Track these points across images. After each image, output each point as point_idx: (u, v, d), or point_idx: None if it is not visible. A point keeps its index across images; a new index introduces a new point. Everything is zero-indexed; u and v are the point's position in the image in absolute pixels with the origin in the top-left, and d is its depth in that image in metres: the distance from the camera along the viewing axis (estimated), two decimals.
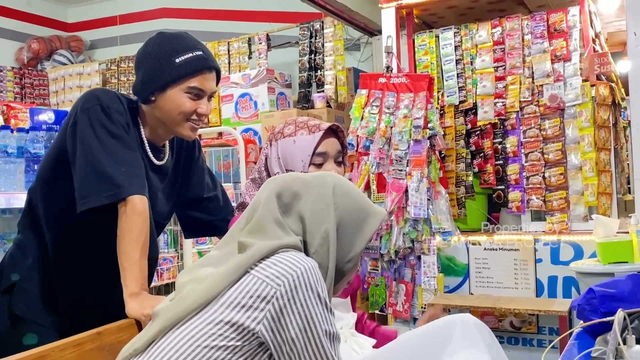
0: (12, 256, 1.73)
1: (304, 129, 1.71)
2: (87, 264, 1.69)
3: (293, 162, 1.68)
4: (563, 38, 3.53)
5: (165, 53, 1.65)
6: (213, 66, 1.70)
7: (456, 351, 1.31)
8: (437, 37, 3.92)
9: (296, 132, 1.71)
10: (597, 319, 1.60)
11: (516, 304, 3.31)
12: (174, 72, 1.63)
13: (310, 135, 1.69)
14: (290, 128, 1.74)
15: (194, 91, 1.65)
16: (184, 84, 1.64)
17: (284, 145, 1.71)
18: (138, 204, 1.53)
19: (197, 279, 1.18)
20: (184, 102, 1.65)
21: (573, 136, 3.48)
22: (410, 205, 3.33)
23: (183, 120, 1.67)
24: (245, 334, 1.08)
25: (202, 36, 6.32)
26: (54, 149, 1.68)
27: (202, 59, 1.67)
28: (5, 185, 2.46)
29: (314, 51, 5.34)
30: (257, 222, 1.19)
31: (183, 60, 1.63)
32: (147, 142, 1.71)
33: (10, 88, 7.01)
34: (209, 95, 1.71)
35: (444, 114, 3.88)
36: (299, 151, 1.68)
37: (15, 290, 1.68)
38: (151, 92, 1.66)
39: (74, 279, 1.69)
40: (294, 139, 1.70)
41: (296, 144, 1.69)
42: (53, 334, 1.62)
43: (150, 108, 1.69)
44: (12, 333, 1.66)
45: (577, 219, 3.46)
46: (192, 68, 1.64)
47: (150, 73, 1.66)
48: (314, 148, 1.67)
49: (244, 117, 5.08)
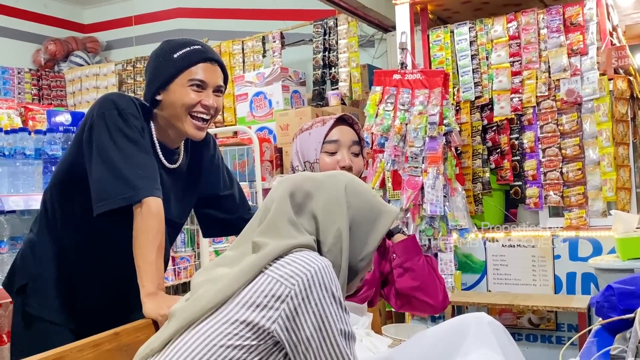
0: (24, 257, 1.75)
1: (320, 122, 1.77)
2: (103, 265, 1.71)
3: (308, 152, 1.72)
4: (580, 32, 3.49)
5: (165, 52, 1.69)
6: (212, 57, 1.70)
7: (470, 351, 1.30)
8: (452, 32, 3.90)
9: (312, 126, 1.77)
10: (616, 316, 1.58)
11: (534, 301, 3.29)
12: (173, 66, 1.65)
13: (323, 126, 1.74)
14: (308, 124, 1.80)
15: (196, 82, 1.66)
16: (185, 76, 1.65)
17: (301, 138, 1.78)
18: (153, 206, 1.54)
19: (212, 279, 1.18)
20: (187, 94, 1.65)
21: (591, 131, 3.44)
22: (426, 202, 3.31)
23: (185, 114, 1.67)
24: (261, 333, 1.08)
25: (216, 35, 6.34)
26: (71, 153, 1.70)
27: (200, 51, 1.68)
28: (24, 186, 2.49)
29: (328, 48, 5.33)
30: (271, 221, 1.20)
31: (181, 54, 1.66)
32: (159, 145, 1.72)
33: (28, 90, 7.08)
34: (215, 89, 1.71)
35: (459, 110, 3.86)
36: (313, 141, 1.73)
37: (29, 290, 1.70)
38: (156, 91, 1.67)
39: (90, 279, 1.71)
40: (310, 132, 1.76)
41: (311, 135, 1.75)
42: (67, 333, 1.64)
43: (159, 110, 1.71)
44: (26, 332, 1.68)
45: (595, 215, 3.43)
46: (190, 59, 1.66)
47: (152, 73, 1.69)
48: (324, 135, 1.71)
49: (258, 116, 5.09)
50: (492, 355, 1.28)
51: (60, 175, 1.72)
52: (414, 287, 1.70)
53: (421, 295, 1.69)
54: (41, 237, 1.73)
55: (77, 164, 1.64)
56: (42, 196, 1.79)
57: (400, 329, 3.42)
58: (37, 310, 1.69)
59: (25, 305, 1.70)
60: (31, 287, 1.70)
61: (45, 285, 1.70)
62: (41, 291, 1.70)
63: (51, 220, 1.72)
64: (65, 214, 1.70)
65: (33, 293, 1.70)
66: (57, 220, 1.71)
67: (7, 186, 2.47)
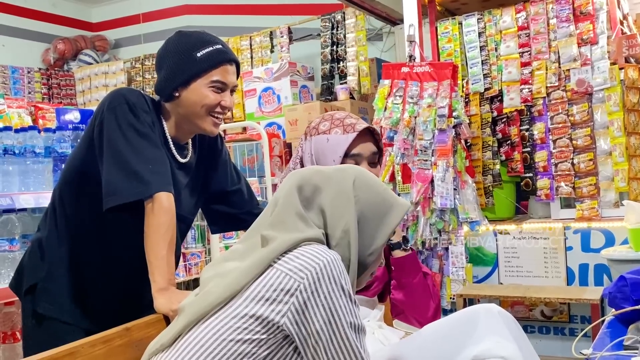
0: (32, 257, 1.74)
1: (339, 127, 1.67)
2: (113, 262, 1.70)
3: (325, 160, 1.64)
4: (589, 21, 3.46)
5: (186, 48, 1.67)
6: (233, 59, 1.71)
7: (482, 339, 1.29)
8: (460, 24, 3.88)
9: (331, 130, 1.67)
10: (629, 306, 1.57)
11: (547, 293, 3.27)
12: (197, 66, 1.65)
13: (344, 135, 1.64)
14: (325, 125, 1.70)
15: (217, 84, 1.67)
16: (207, 77, 1.65)
17: (317, 142, 1.68)
18: (165, 201, 1.54)
19: (221, 273, 1.18)
20: (207, 95, 1.66)
21: (602, 121, 3.41)
22: (436, 195, 3.30)
23: (206, 114, 1.68)
24: (270, 327, 1.08)
25: (224, 31, 6.34)
26: (81, 148, 1.70)
27: (223, 52, 1.68)
28: (34, 184, 2.50)
29: (335, 43, 5.31)
30: (279, 215, 1.19)
31: (204, 54, 1.65)
32: (171, 140, 1.72)
33: (38, 89, 7.12)
34: (231, 88, 1.72)
35: (469, 102, 3.84)
36: (331, 150, 1.64)
37: (38, 290, 1.69)
38: (175, 88, 1.67)
39: (101, 277, 1.70)
40: (328, 137, 1.66)
41: (329, 142, 1.65)
42: (78, 331, 1.63)
43: (173, 105, 1.70)
44: (38, 333, 1.68)
45: (607, 205, 3.40)
46: (214, 61, 1.66)
47: (172, 69, 1.67)
48: (346, 149, 1.62)
49: (267, 111, 5.09)
50: (505, 343, 1.27)
51: (70, 174, 1.71)
52: (405, 302, 1.74)
53: (410, 312, 1.74)
54: (50, 236, 1.72)
55: (88, 161, 1.63)
56: (51, 194, 1.79)
57: None
58: (48, 310, 1.68)
59: (35, 306, 1.69)
60: (40, 287, 1.69)
61: (55, 284, 1.69)
62: (51, 291, 1.69)
63: (60, 219, 1.71)
64: (76, 212, 1.70)
65: (43, 293, 1.69)
66: (66, 218, 1.70)
67: (18, 184, 2.48)
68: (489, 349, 1.27)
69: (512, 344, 1.28)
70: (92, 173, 1.62)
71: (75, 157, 1.73)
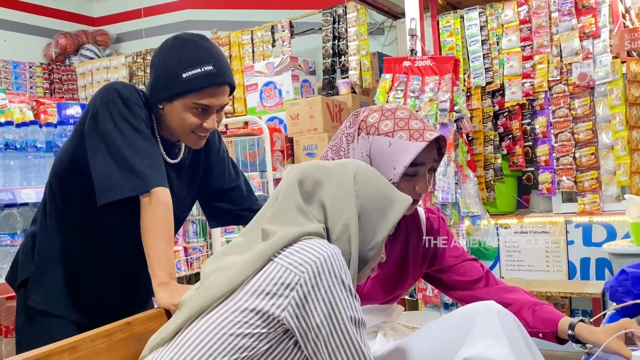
0: (26, 251, 1.74)
1: (404, 130, 1.49)
2: (105, 257, 1.69)
3: (384, 166, 1.48)
4: (591, 14, 3.44)
5: (174, 64, 1.59)
6: (223, 83, 1.62)
7: (475, 342, 1.31)
8: (462, 17, 3.87)
9: (394, 133, 1.49)
10: (630, 300, 1.57)
11: (548, 287, 3.27)
12: (180, 87, 1.59)
13: (411, 141, 1.47)
14: (387, 125, 1.51)
15: (200, 106, 1.61)
16: (190, 99, 1.60)
17: (377, 143, 1.50)
18: (162, 196, 1.52)
19: (222, 267, 1.18)
20: (188, 117, 1.61)
21: (604, 115, 3.40)
22: (437, 189, 3.30)
23: (188, 132, 1.65)
24: (271, 321, 1.08)
25: (225, 26, 6.32)
26: (72, 141, 1.67)
27: (211, 75, 1.59)
28: (36, 179, 2.50)
29: (337, 37, 5.30)
30: (280, 209, 1.19)
31: (190, 75, 1.57)
32: (160, 139, 1.70)
33: (39, 84, 7.12)
34: (219, 108, 1.67)
35: (470, 96, 3.83)
36: (393, 157, 1.48)
37: (31, 283, 1.69)
38: (159, 101, 1.64)
39: (92, 269, 1.69)
40: (390, 141, 1.49)
41: (391, 147, 1.48)
42: (69, 324, 1.63)
43: (161, 111, 1.68)
44: (29, 326, 1.68)
45: (609, 200, 3.40)
46: (198, 85, 1.58)
47: (157, 83, 1.63)
48: (413, 159, 1.47)
49: (268, 106, 5.09)
50: (497, 346, 1.28)
51: (61, 167, 1.69)
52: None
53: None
54: (42, 231, 1.71)
55: (79, 154, 1.61)
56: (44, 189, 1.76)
57: (413, 317, 3.43)
58: (40, 303, 1.67)
59: (27, 299, 1.68)
60: (33, 281, 1.69)
61: (46, 278, 1.68)
62: (43, 284, 1.68)
63: (51, 213, 1.70)
64: (67, 206, 1.68)
65: (35, 286, 1.68)
66: (57, 212, 1.69)
67: (20, 179, 2.48)
68: (481, 352, 1.29)
69: (505, 347, 1.29)
70: (83, 167, 1.59)
71: (66, 150, 1.69)
